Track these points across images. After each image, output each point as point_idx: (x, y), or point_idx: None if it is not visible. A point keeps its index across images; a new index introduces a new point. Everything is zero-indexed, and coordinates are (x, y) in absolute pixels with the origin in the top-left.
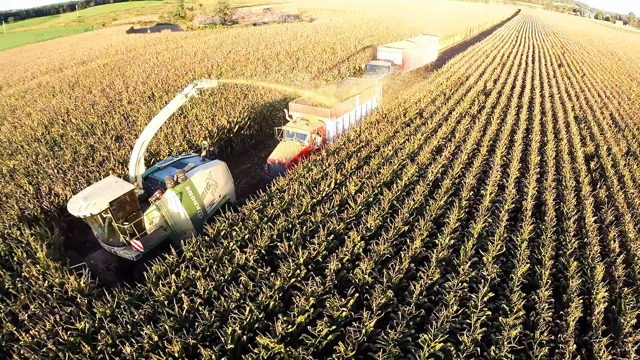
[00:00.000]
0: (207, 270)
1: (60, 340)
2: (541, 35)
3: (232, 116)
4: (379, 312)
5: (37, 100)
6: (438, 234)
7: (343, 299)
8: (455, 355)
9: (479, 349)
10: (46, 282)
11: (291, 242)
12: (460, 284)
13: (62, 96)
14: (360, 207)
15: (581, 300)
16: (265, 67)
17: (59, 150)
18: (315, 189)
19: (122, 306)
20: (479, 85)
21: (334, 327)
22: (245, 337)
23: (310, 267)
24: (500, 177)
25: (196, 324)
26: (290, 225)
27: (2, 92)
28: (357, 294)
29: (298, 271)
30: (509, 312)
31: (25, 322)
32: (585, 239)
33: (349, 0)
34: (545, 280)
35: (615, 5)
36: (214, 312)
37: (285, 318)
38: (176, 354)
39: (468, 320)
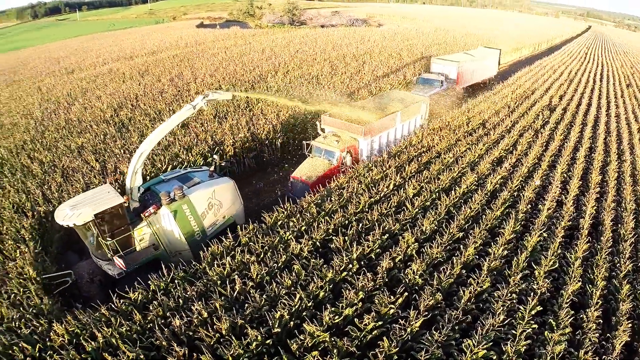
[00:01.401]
0: (262, 256)
1: (114, 306)
2: (611, 53)
3: (297, 112)
4: (426, 313)
5: (107, 85)
6: (492, 244)
7: (392, 297)
8: None
9: None
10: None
11: (346, 238)
12: (509, 295)
13: (132, 82)
14: (417, 210)
15: (630, 325)
16: (332, 68)
17: (126, 132)
18: (374, 188)
19: (176, 281)
20: (544, 100)
21: (380, 322)
22: (292, 323)
23: (362, 263)
24: (559, 194)
25: (246, 305)
26: (347, 222)
27: (75, 75)
28: (406, 294)
29: (350, 266)
30: (555, 328)
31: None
32: None
33: (417, 7)
34: (595, 300)
35: None
36: (264, 296)
37: (333, 309)
38: (224, 332)
39: (513, 331)
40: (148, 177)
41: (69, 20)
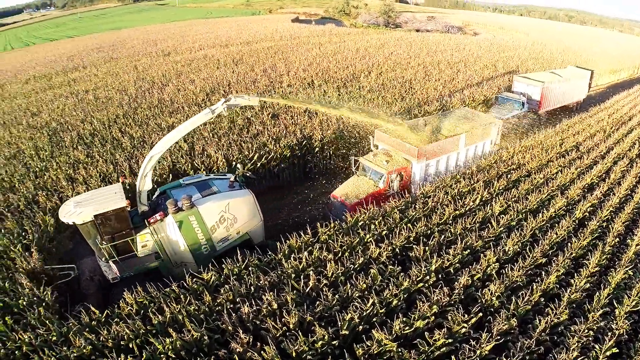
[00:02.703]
0: (339, 255)
1: (185, 285)
2: None
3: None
4: (499, 337)
5: (201, 70)
6: (575, 274)
7: (466, 315)
8: None
9: None
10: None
11: (427, 248)
12: (586, 331)
13: (226, 69)
14: (501, 228)
15: None
16: (426, 74)
17: (217, 117)
18: (460, 201)
19: (250, 268)
20: None
21: (450, 340)
22: (361, 327)
23: (440, 276)
24: None
25: (317, 303)
26: (429, 231)
27: (170, 57)
28: (480, 314)
29: (428, 277)
30: None
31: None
32: None
33: (514, 18)
34: None
35: None
36: (337, 296)
37: (404, 319)
38: (291, 326)
39: None
40: (233, 163)
41: (168, 6)
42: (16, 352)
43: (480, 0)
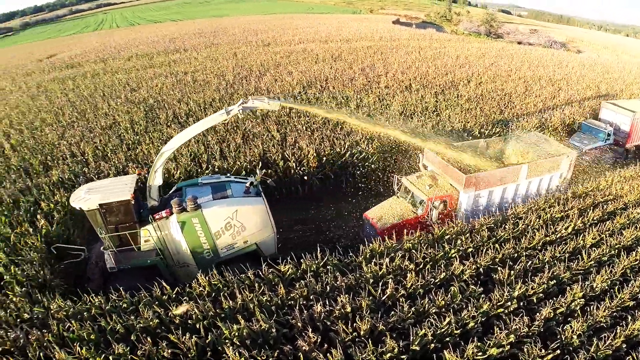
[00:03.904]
0: (421, 267)
1: (262, 275)
2: None
3: (479, 125)
4: None
5: (299, 63)
6: None
7: (543, 350)
8: None
9: None
10: None
11: (512, 272)
12: None
13: (324, 65)
14: (592, 262)
15: None
16: (526, 89)
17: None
18: (551, 227)
19: (328, 267)
20: None
21: None
22: (433, 345)
23: (522, 304)
24: None
25: (392, 313)
26: (516, 255)
27: (270, 48)
28: (558, 351)
29: (509, 303)
30: None
31: None
32: None
33: (620, 38)
34: None
35: None
36: (413, 309)
37: (479, 344)
38: (362, 332)
39: None
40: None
41: None
42: (84, 313)
43: (585, 17)
